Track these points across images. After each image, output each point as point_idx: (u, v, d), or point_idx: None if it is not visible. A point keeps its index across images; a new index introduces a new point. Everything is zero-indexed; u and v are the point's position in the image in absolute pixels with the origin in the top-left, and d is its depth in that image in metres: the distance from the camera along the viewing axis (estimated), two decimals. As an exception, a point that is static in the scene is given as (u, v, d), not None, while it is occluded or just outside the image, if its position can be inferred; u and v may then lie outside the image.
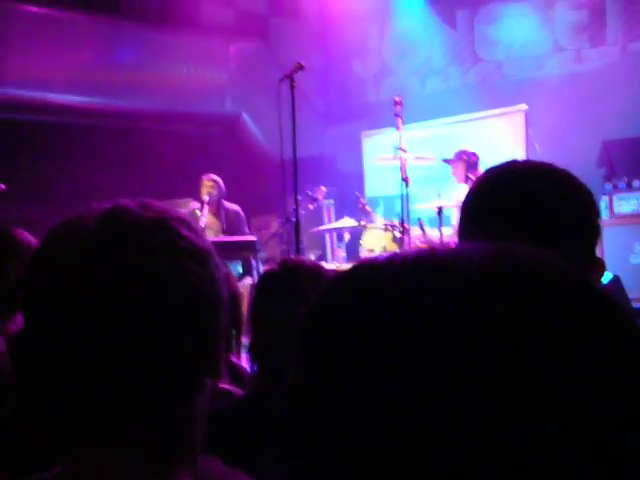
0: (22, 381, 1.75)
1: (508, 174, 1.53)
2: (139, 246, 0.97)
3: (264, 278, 2.60)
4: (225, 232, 8.21)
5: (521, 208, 1.44)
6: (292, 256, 5.14)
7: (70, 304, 0.94)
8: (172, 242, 0.99)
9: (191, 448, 1.04)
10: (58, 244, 0.99)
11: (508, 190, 1.48)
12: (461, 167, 8.00)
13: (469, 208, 1.54)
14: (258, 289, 2.57)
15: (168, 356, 0.96)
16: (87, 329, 0.94)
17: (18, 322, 2.55)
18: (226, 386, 2.83)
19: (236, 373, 3.36)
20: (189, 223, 1.05)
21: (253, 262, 7.78)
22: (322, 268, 2.53)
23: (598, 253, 1.41)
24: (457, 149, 8.20)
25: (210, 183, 8.18)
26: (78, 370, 0.94)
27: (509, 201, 1.45)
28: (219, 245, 7.58)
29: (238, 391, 2.81)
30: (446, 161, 8.21)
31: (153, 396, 0.96)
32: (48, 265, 0.98)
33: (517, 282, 0.51)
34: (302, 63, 6.34)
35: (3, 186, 7.94)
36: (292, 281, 2.38)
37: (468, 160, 7.91)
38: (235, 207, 8.41)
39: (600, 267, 1.51)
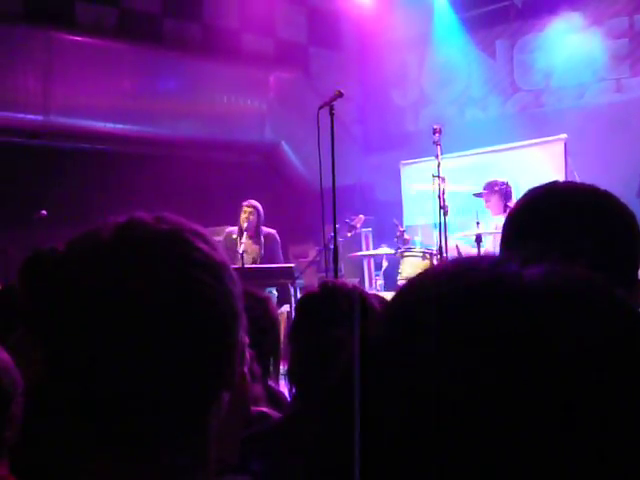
0: (33, 395, 1.75)
1: (550, 193, 1.54)
2: (153, 258, 0.98)
3: (304, 299, 2.60)
4: (262, 257, 8.25)
5: (562, 226, 1.44)
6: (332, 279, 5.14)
7: (84, 315, 0.95)
8: (186, 254, 1.00)
9: (205, 461, 1.03)
10: (73, 255, 1.00)
11: (550, 208, 1.49)
12: (496, 198, 7.95)
13: (511, 225, 1.55)
14: (297, 310, 2.56)
15: (181, 368, 0.96)
16: (100, 339, 0.94)
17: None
18: (264, 409, 2.83)
19: (274, 398, 3.35)
20: (204, 236, 1.05)
21: (291, 289, 7.79)
22: (363, 291, 2.51)
23: None
24: (487, 180, 8.18)
25: (250, 209, 8.24)
26: (91, 382, 0.95)
27: (551, 219, 1.47)
28: (257, 272, 7.62)
29: (275, 414, 2.81)
30: (477, 195, 8.16)
31: (166, 408, 0.97)
32: (63, 279, 0.98)
33: (564, 307, 0.53)
34: (341, 91, 6.38)
35: (45, 212, 8.08)
36: (332, 303, 2.35)
37: (501, 191, 7.86)
38: (271, 231, 8.46)
39: None
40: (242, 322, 1.05)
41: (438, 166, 7.53)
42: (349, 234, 8.23)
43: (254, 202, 8.32)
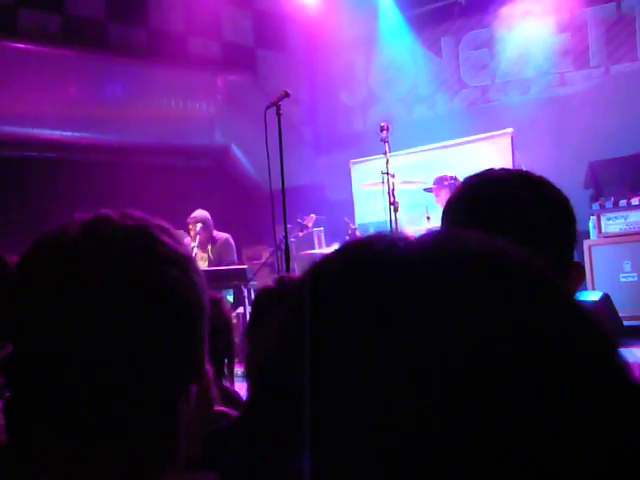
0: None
1: (486, 179, 1.58)
2: (119, 253, 0.99)
3: (259, 295, 2.61)
4: (214, 263, 8.21)
5: (497, 210, 1.47)
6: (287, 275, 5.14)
7: (51, 311, 0.96)
8: (151, 248, 1.01)
9: (174, 455, 1.04)
10: (42, 253, 1.01)
11: (485, 194, 1.52)
12: (445, 193, 8.00)
13: (448, 211, 1.58)
14: (254, 306, 2.57)
15: (149, 361, 0.97)
16: (68, 334, 0.95)
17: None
18: (223, 408, 2.83)
19: (230, 398, 3.35)
20: (168, 230, 1.07)
21: (244, 291, 7.77)
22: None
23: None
24: (441, 173, 8.23)
25: (195, 226, 8.18)
26: (59, 379, 0.96)
27: (486, 204, 1.50)
28: (209, 275, 7.59)
29: (234, 413, 2.81)
30: (428, 190, 8.20)
31: (134, 401, 0.97)
32: (31, 275, 1.00)
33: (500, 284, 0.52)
34: (287, 91, 6.39)
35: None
36: (287, 297, 2.37)
37: (450, 185, 7.91)
38: (224, 235, 8.42)
39: (579, 272, 1.53)
40: (207, 315, 1.06)
41: (387, 163, 7.58)
42: (301, 234, 8.25)
43: (198, 215, 8.23)
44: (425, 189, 8.21)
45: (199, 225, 8.15)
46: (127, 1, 11.08)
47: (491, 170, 1.61)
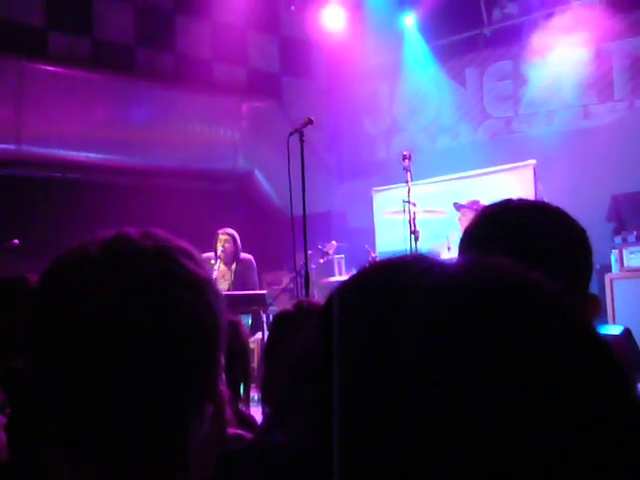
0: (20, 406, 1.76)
1: (504, 208, 1.59)
2: (138, 274, 1.00)
3: (278, 318, 2.61)
4: (236, 281, 8.24)
5: (515, 239, 1.48)
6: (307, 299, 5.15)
7: (68, 330, 0.97)
8: (171, 271, 1.02)
9: (185, 475, 1.04)
10: (60, 270, 1.02)
11: (503, 222, 1.54)
12: (469, 216, 8.00)
13: (466, 239, 1.59)
14: (272, 329, 2.57)
15: (161, 380, 0.98)
16: (85, 354, 0.96)
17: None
18: (239, 431, 2.83)
19: (245, 421, 3.35)
20: (189, 253, 1.07)
21: (263, 316, 7.77)
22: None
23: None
24: (470, 199, 8.23)
25: (225, 237, 8.24)
26: (76, 397, 0.97)
27: (504, 232, 1.51)
28: (229, 298, 7.60)
29: (249, 435, 2.81)
30: (457, 206, 8.20)
31: (144, 419, 0.98)
32: (49, 292, 1.01)
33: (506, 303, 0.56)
34: (311, 118, 6.42)
35: (17, 241, 8.03)
36: (306, 322, 2.38)
37: (477, 211, 7.92)
38: (248, 256, 8.45)
39: (594, 304, 1.53)
40: (223, 338, 1.07)
41: (408, 192, 7.59)
42: (321, 260, 8.26)
43: (230, 230, 8.32)
44: (455, 204, 8.21)
45: (229, 238, 8.21)
46: (156, 26, 11.21)
47: (509, 200, 1.62)
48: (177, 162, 10.93)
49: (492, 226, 1.55)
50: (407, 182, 7.64)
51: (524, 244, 1.47)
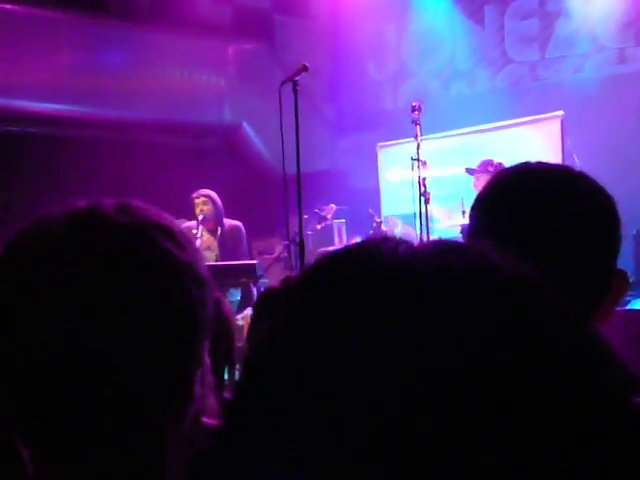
0: None
1: (518, 175, 1.59)
2: (107, 257, 1.00)
3: (263, 298, 2.61)
4: (222, 251, 8.26)
5: (530, 212, 1.49)
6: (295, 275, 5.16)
7: (34, 319, 0.97)
8: (146, 254, 1.02)
9: (161, 476, 1.06)
10: (22, 254, 1.03)
11: (516, 192, 1.53)
12: (484, 179, 7.99)
13: (476, 208, 1.59)
14: (255, 309, 2.58)
15: (130, 378, 0.99)
16: (44, 347, 0.97)
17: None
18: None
19: (229, 412, 3.37)
20: (171, 231, 1.07)
21: (254, 290, 7.80)
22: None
23: None
24: (481, 159, 8.22)
25: (202, 199, 8.23)
26: (44, 389, 0.98)
27: (516, 204, 1.51)
28: (215, 270, 7.62)
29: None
30: (469, 171, 8.19)
31: (115, 418, 0.99)
32: (9, 277, 1.01)
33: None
34: (306, 64, 6.40)
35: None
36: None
37: (493, 172, 7.90)
38: (236, 223, 8.46)
39: (622, 281, 1.54)
40: (206, 331, 1.08)
41: (418, 148, 7.59)
42: (319, 226, 8.27)
43: (205, 191, 8.32)
44: (467, 169, 8.22)
45: (207, 200, 8.21)
46: (128, -42, 11.14)
47: (526, 164, 1.62)
48: (154, 114, 10.89)
49: (505, 196, 1.55)
50: (416, 136, 7.64)
51: (541, 216, 1.47)
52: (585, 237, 1.49)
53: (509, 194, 1.55)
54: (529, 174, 1.58)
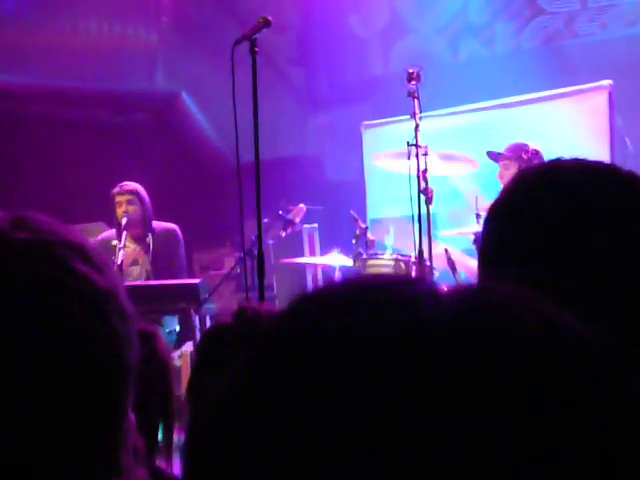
0: None
1: (545, 182, 1.62)
2: (5, 285, 1.02)
3: (210, 336, 2.64)
4: (154, 265, 8.23)
5: (560, 235, 1.52)
6: (254, 305, 5.16)
7: None
8: (53, 278, 1.04)
9: None
10: None
11: (544, 200, 1.57)
12: (514, 169, 7.93)
13: (491, 232, 1.62)
14: (199, 351, 2.60)
15: (33, 438, 1.01)
16: None
17: None
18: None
19: (164, 482, 3.39)
20: (84, 250, 1.10)
21: (196, 319, 7.79)
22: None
23: None
24: (512, 142, 8.20)
25: (126, 197, 8.18)
26: None
27: (544, 217, 1.55)
28: (145, 292, 7.62)
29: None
30: (493, 156, 8.17)
31: None
32: None
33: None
34: (268, 17, 6.40)
35: None
36: (251, 339, 2.38)
37: (527, 162, 7.85)
38: (170, 226, 8.44)
39: None
40: (130, 380, 1.10)
41: (416, 128, 7.57)
42: (283, 233, 8.28)
43: (131, 185, 8.27)
44: (491, 153, 8.20)
45: (133, 198, 8.18)
46: None
47: (558, 162, 1.65)
48: (64, 80, 10.86)
49: (531, 204, 1.58)
50: (414, 114, 7.63)
51: (576, 232, 1.51)
52: (630, 261, 1.52)
53: (535, 202, 1.58)
54: (560, 176, 1.61)
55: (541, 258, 1.52)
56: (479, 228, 7.65)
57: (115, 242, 7.98)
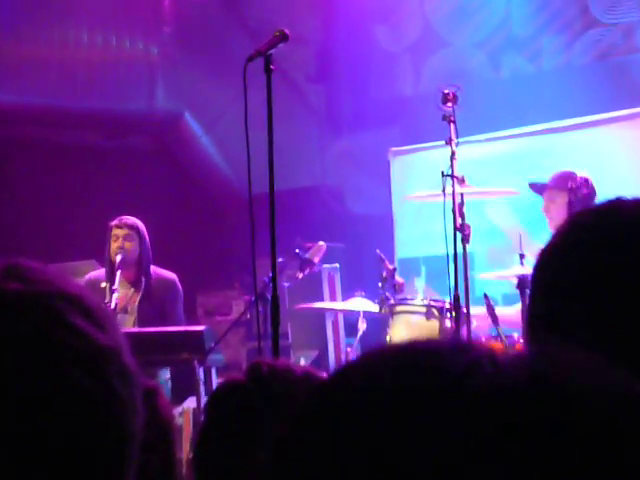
0: None
1: (605, 225, 1.61)
2: None
3: (219, 396, 2.65)
4: (142, 316, 8.22)
5: (625, 290, 1.51)
6: (267, 359, 5.18)
7: None
8: (48, 336, 1.05)
9: None
10: None
11: (602, 256, 1.56)
12: (561, 201, 7.93)
13: (540, 283, 1.63)
14: (208, 412, 2.61)
15: None
16: None
17: None
18: None
19: None
20: (84, 303, 1.10)
21: (200, 371, 7.78)
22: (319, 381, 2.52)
23: None
24: (556, 171, 8.18)
25: (125, 231, 8.18)
26: None
27: (604, 277, 1.53)
28: (141, 341, 7.63)
29: None
30: (537, 189, 8.17)
31: None
32: None
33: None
34: (286, 31, 6.44)
35: None
36: (266, 401, 2.41)
37: (576, 191, 7.84)
38: (169, 276, 8.43)
39: None
40: (134, 449, 1.11)
41: (452, 157, 7.60)
42: (300, 274, 8.29)
43: (132, 220, 8.27)
44: (532, 184, 8.20)
45: (131, 234, 8.17)
46: None
47: (618, 205, 1.64)
48: (52, 98, 10.92)
49: (587, 253, 1.58)
50: (450, 140, 7.66)
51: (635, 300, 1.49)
52: None
53: (592, 249, 1.57)
54: (622, 220, 1.60)
55: (601, 316, 1.50)
56: (523, 270, 7.65)
57: (105, 284, 7.98)
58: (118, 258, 8.07)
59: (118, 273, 8.00)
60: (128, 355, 1.12)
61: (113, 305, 7.69)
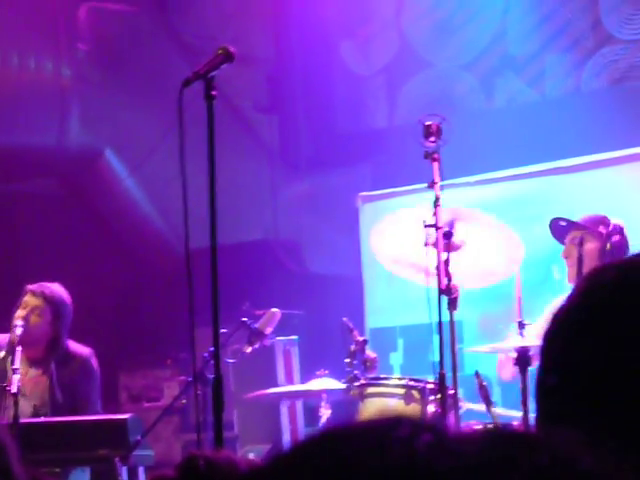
0: None
1: (624, 285, 1.66)
2: None
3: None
4: (60, 404, 8.21)
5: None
6: (207, 452, 5.20)
7: None
8: None
9: None
10: None
11: (626, 325, 1.60)
12: (594, 245, 7.97)
13: (551, 355, 1.67)
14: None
15: None
16: None
17: None
18: None
19: None
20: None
21: (123, 470, 7.77)
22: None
23: None
24: (586, 214, 8.22)
25: (36, 302, 8.17)
26: None
27: (628, 350, 1.57)
28: (49, 434, 7.64)
29: None
30: (558, 228, 8.18)
31: None
32: None
33: None
34: (230, 49, 6.50)
35: None
36: None
37: (607, 236, 7.86)
38: (80, 351, 8.40)
39: None
40: None
41: (436, 203, 7.65)
42: (249, 348, 8.33)
43: (51, 290, 8.24)
44: (555, 222, 8.20)
45: (41, 304, 8.16)
46: None
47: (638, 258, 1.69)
48: None
49: (609, 319, 1.60)
50: (433, 183, 7.71)
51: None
52: None
53: (615, 315, 1.60)
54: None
55: (625, 397, 1.51)
56: (524, 342, 7.71)
57: (3, 353, 7.96)
58: (18, 331, 8.02)
59: (18, 350, 7.92)
60: (14, 454, 1.13)
61: (15, 389, 7.58)
